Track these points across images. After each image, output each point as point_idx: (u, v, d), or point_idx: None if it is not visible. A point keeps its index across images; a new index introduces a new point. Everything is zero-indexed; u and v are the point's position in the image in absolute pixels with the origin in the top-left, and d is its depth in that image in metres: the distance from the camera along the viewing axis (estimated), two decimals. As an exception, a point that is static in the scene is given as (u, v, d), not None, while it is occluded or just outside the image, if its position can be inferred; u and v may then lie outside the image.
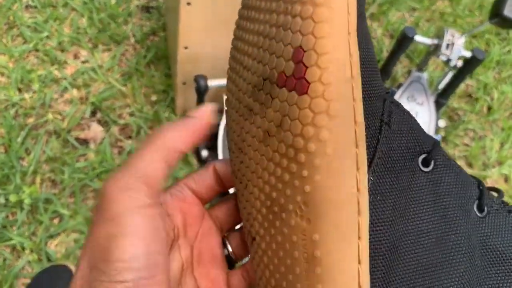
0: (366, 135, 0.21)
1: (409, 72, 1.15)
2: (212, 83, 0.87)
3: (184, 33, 0.84)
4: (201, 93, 0.86)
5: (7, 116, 0.98)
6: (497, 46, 1.36)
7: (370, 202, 0.21)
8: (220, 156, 0.96)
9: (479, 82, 1.28)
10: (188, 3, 0.78)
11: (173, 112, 1.05)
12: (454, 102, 1.23)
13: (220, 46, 0.88)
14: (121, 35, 1.14)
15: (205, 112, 0.26)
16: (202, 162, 1.00)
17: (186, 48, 0.87)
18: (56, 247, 0.87)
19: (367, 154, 0.21)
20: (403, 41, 1.02)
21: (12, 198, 0.88)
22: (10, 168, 0.92)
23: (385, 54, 1.28)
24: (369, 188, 0.21)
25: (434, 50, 1.04)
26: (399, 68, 1.27)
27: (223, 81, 0.88)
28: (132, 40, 1.15)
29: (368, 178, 0.21)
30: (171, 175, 0.94)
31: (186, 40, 0.85)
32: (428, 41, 1.03)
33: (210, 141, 1.01)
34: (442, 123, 1.16)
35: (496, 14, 0.87)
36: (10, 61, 1.07)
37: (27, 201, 0.88)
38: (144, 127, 1.02)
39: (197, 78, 0.84)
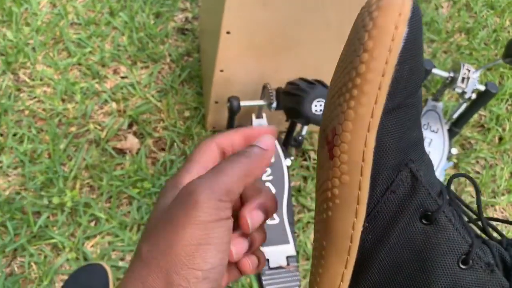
0: (370, 195, 0.28)
1: (425, 101, 1.21)
2: (244, 103, 0.95)
3: (221, 58, 0.92)
4: (234, 113, 0.94)
5: (51, 124, 1.07)
6: (510, 79, 1.43)
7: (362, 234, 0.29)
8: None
9: (492, 113, 1.34)
10: (228, 32, 0.86)
11: (203, 128, 1.13)
12: (467, 131, 1.30)
13: (252, 71, 0.96)
14: (158, 54, 1.23)
15: (273, 145, 0.31)
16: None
17: (221, 71, 0.95)
18: (92, 248, 0.94)
19: (367, 208, 0.28)
20: (421, 72, 1.09)
21: (55, 200, 0.96)
22: (54, 173, 1.00)
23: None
24: (364, 229, 0.28)
25: (450, 82, 1.11)
26: (416, 96, 1.34)
27: (253, 102, 0.96)
28: (168, 59, 1.24)
29: (364, 224, 0.28)
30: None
31: (222, 64, 0.93)
32: (444, 74, 1.10)
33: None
34: (454, 150, 1.22)
35: (509, 55, 0.94)
36: (56, 73, 1.17)
37: (68, 204, 0.95)
38: (177, 140, 1.10)
39: (230, 99, 0.92)
